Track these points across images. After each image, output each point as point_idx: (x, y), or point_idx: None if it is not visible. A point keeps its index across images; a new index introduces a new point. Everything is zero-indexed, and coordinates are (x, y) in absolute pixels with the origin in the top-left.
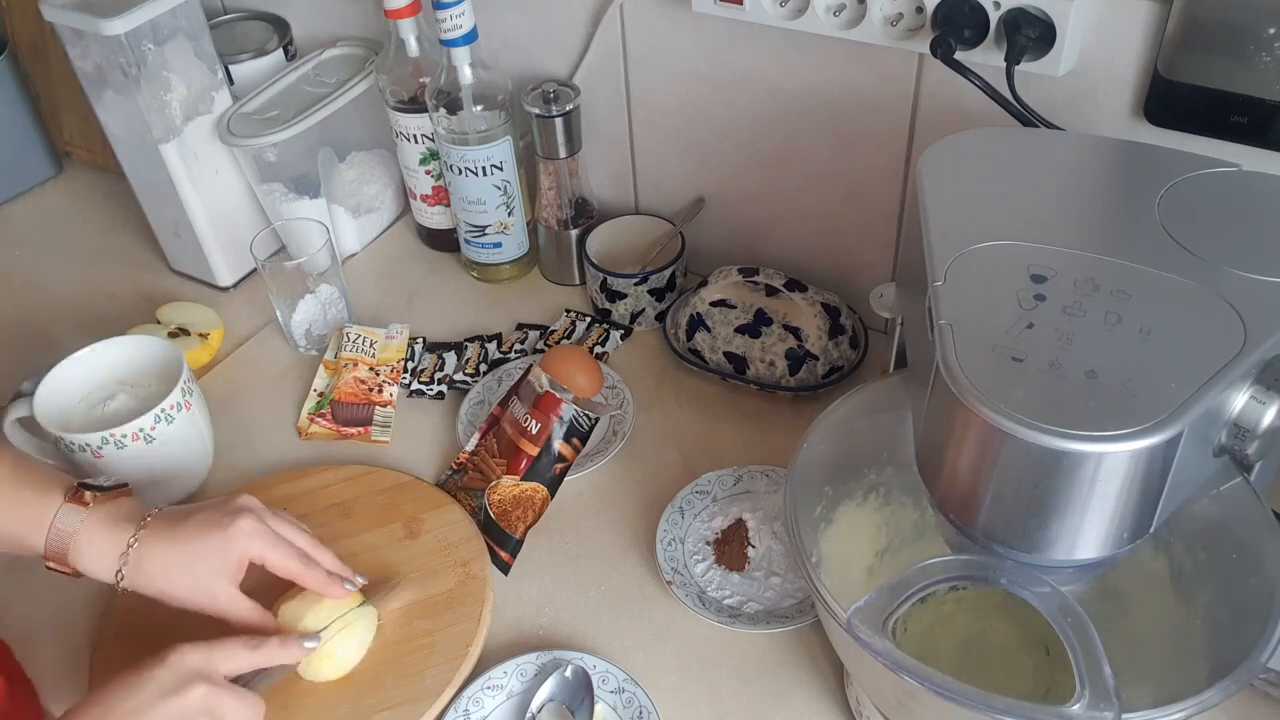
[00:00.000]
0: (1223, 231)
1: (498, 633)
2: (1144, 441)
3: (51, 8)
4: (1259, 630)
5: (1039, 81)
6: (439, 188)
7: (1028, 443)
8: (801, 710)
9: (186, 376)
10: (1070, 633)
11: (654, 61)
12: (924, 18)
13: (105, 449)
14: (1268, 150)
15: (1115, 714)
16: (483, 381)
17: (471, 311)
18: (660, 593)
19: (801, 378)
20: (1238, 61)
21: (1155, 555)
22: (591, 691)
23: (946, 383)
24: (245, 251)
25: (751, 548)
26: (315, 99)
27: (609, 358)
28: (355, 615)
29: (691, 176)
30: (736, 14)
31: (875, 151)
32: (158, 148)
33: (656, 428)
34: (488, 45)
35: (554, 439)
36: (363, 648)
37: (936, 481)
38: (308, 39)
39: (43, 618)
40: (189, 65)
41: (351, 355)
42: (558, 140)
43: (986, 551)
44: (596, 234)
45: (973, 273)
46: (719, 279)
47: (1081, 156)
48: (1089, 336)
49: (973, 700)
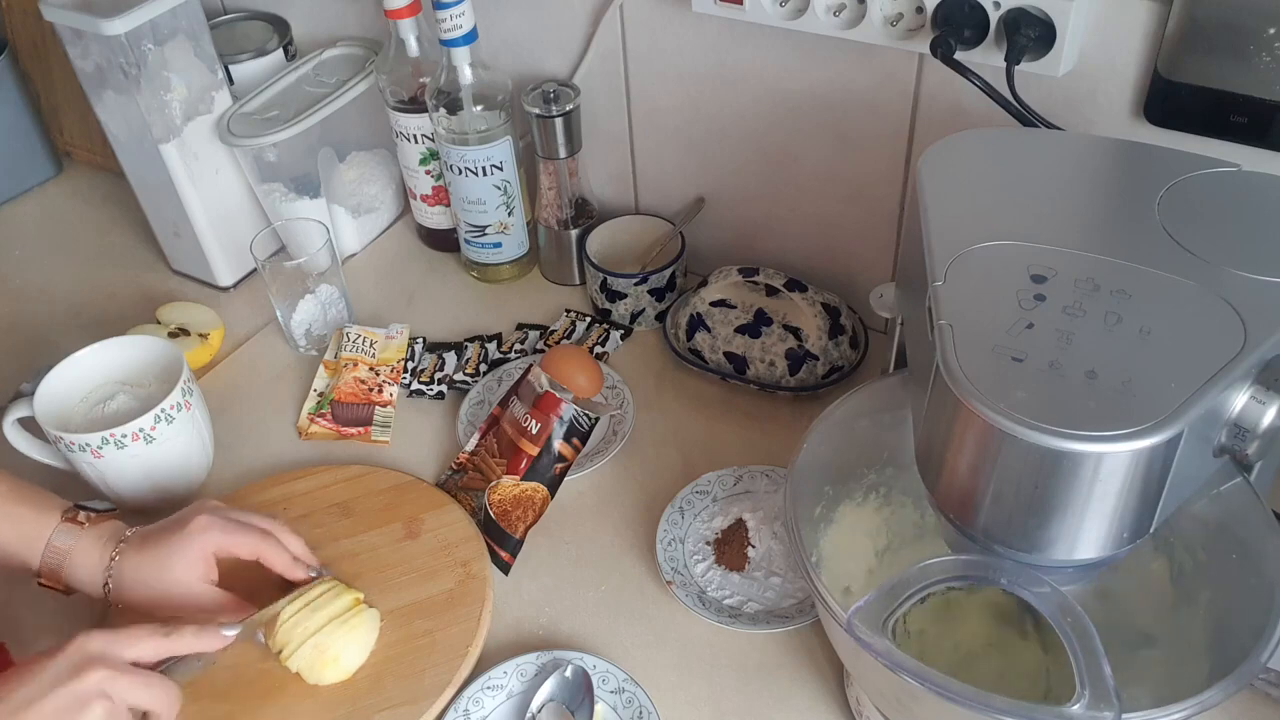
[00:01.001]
0: (1223, 231)
1: (498, 633)
2: (1144, 441)
3: (51, 8)
4: (1259, 630)
5: (1039, 81)
6: (439, 188)
7: (1028, 443)
8: (801, 710)
9: (186, 376)
10: (1070, 633)
11: (654, 61)
12: (924, 18)
13: (105, 449)
14: (1268, 150)
15: (1115, 714)
16: (483, 381)
17: (471, 311)
18: (660, 593)
19: (801, 378)
20: (1238, 61)
21: (1155, 555)
22: (591, 691)
23: (946, 383)
24: (245, 251)
25: (751, 548)
26: (315, 99)
27: (609, 358)
28: (358, 618)
29: (691, 176)
30: (736, 14)
31: (875, 151)
32: (158, 148)
33: (656, 428)
34: (488, 45)
35: (554, 439)
36: (366, 650)
37: (936, 481)
38: (308, 39)
39: (42, 619)
40: (189, 65)
41: (351, 355)
42: (558, 140)
43: (986, 551)
44: (596, 234)
45: (973, 273)
46: (719, 279)
47: (1081, 156)
48: (1089, 336)
49: (973, 700)
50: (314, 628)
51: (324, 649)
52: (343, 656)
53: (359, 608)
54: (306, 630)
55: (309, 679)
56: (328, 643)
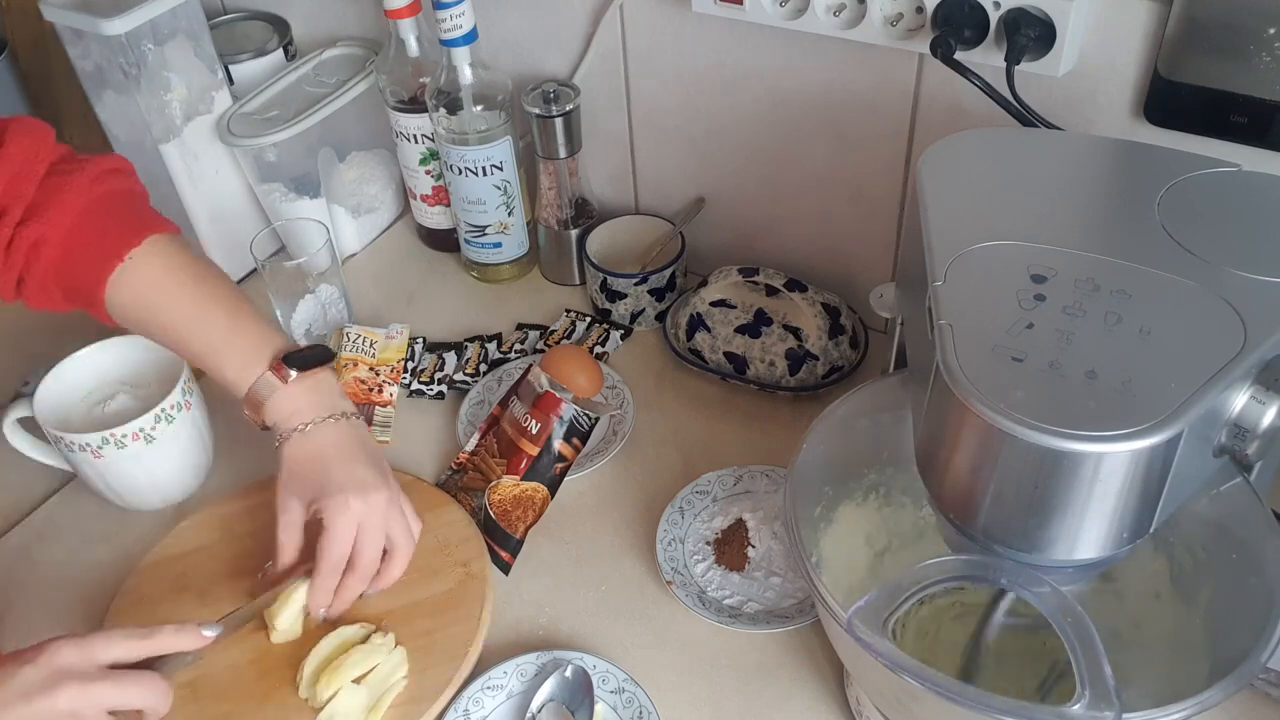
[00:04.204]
0: (1223, 231)
1: (498, 633)
2: (1144, 441)
3: (51, 8)
4: (1259, 630)
5: (1039, 81)
6: (439, 188)
7: (1028, 443)
8: (801, 710)
9: (186, 376)
10: (1070, 633)
11: (654, 61)
12: (924, 18)
13: (105, 449)
14: (1268, 150)
15: (1115, 714)
16: (483, 381)
17: (471, 311)
18: (660, 593)
19: (801, 378)
20: (1238, 61)
21: (1155, 555)
22: (591, 691)
23: (946, 383)
24: (245, 251)
25: (751, 548)
26: (315, 99)
27: (609, 358)
28: (386, 665)
29: (691, 176)
30: (736, 14)
31: (875, 151)
32: (158, 148)
33: (656, 428)
34: (488, 45)
35: (554, 439)
36: (394, 693)
37: (936, 481)
38: (308, 39)
39: (41, 620)
40: (189, 65)
41: (351, 355)
42: (558, 140)
43: (986, 551)
44: (596, 234)
45: (973, 273)
46: (719, 279)
47: (1081, 156)
48: (1089, 336)
49: (973, 700)
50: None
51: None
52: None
53: (386, 651)
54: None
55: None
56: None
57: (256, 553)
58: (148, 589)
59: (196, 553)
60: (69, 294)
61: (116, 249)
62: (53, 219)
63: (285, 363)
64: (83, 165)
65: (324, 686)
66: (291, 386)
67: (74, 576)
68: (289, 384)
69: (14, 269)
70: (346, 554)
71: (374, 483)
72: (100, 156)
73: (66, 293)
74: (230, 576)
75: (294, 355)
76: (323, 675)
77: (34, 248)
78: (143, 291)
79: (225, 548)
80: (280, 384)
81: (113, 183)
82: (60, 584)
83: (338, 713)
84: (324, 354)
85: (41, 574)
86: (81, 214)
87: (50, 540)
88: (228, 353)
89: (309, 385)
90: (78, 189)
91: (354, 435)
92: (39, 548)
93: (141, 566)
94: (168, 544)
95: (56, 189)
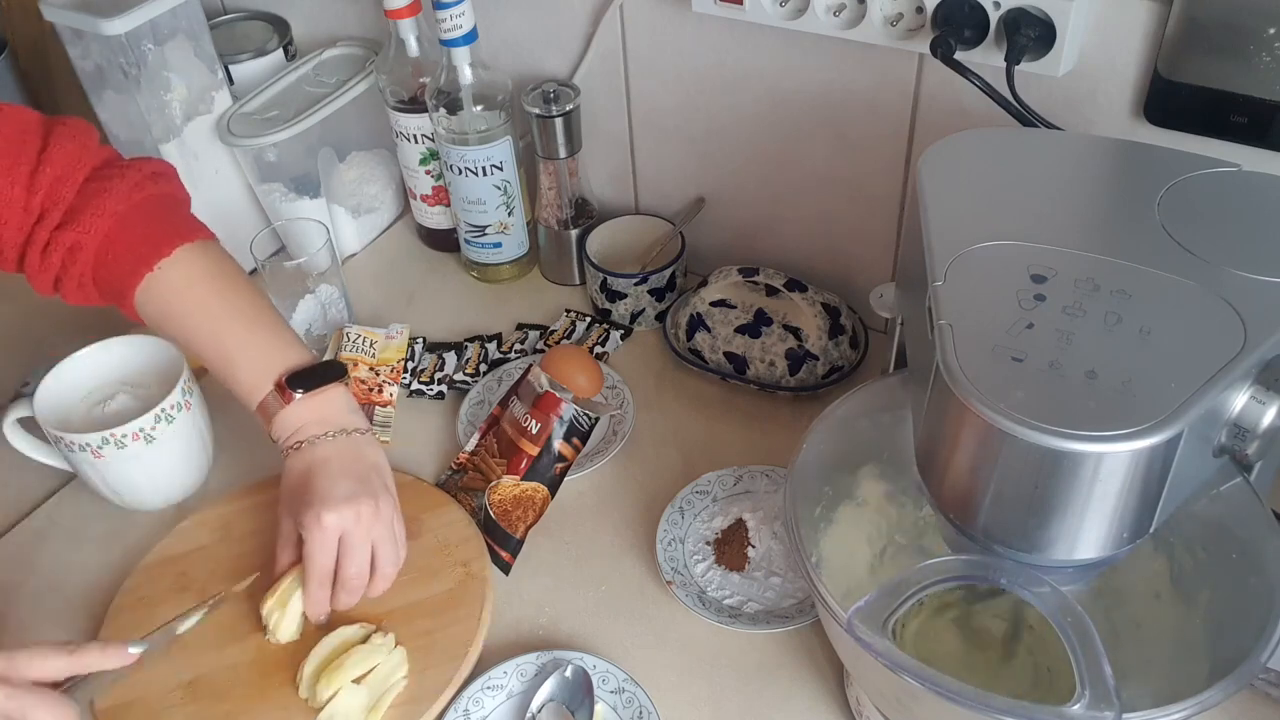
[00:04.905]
0: (1223, 231)
1: (498, 633)
2: (1144, 441)
3: (51, 8)
4: (1259, 630)
5: (1039, 81)
6: (439, 188)
7: (1028, 443)
8: (801, 710)
9: (187, 376)
10: (1070, 633)
11: (654, 61)
12: (924, 18)
13: (105, 449)
14: (1268, 150)
15: (1115, 714)
16: (483, 381)
17: (471, 311)
18: (660, 593)
19: (801, 378)
20: (1238, 61)
21: (1155, 555)
22: (591, 691)
23: (946, 383)
24: (245, 251)
25: (751, 548)
26: (315, 99)
27: (609, 358)
28: (387, 665)
29: (691, 176)
30: (736, 14)
31: (875, 151)
32: (158, 148)
33: (656, 428)
34: (488, 45)
35: (554, 439)
36: (394, 693)
37: (936, 481)
38: (308, 39)
39: (42, 620)
40: (189, 65)
41: (351, 355)
42: (558, 140)
43: (986, 551)
44: (596, 234)
45: (973, 273)
46: (719, 279)
47: (1081, 156)
48: (1089, 336)
49: (973, 700)
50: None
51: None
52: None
53: (386, 650)
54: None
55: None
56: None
57: (256, 553)
58: (148, 589)
59: (196, 553)
60: (105, 293)
61: (148, 257)
62: (89, 225)
63: (291, 382)
64: (124, 171)
65: (324, 686)
66: (297, 404)
67: (74, 576)
68: (294, 402)
69: (50, 270)
70: (329, 566)
71: (357, 496)
72: (143, 160)
73: (103, 293)
74: (230, 576)
75: (301, 374)
76: (323, 675)
77: (70, 252)
78: (168, 300)
79: (225, 548)
80: (284, 403)
81: (152, 188)
82: (60, 584)
83: (338, 713)
84: (333, 371)
85: (41, 574)
86: (118, 221)
87: (50, 540)
88: (240, 368)
89: (316, 402)
90: (117, 195)
91: (351, 451)
92: (39, 548)
93: (141, 566)
94: (168, 544)
95: (96, 194)
